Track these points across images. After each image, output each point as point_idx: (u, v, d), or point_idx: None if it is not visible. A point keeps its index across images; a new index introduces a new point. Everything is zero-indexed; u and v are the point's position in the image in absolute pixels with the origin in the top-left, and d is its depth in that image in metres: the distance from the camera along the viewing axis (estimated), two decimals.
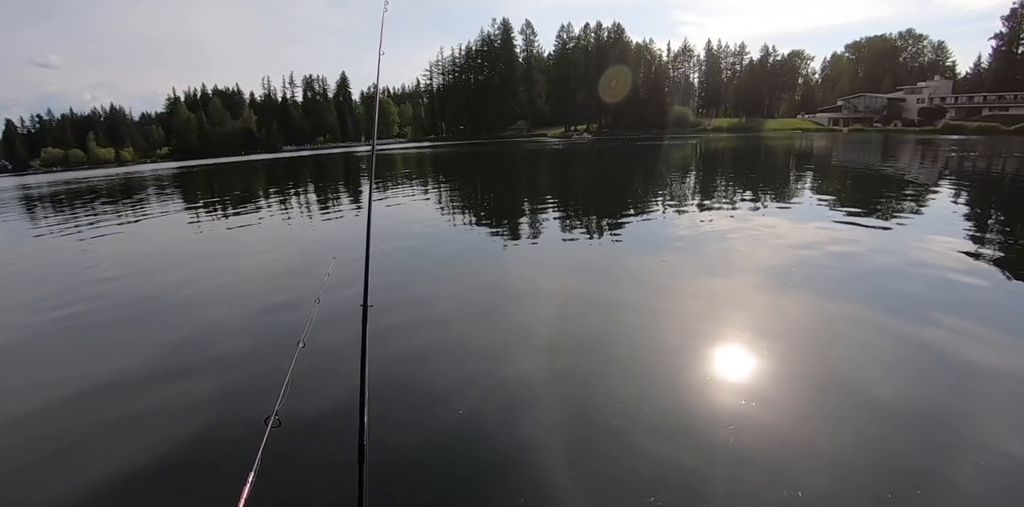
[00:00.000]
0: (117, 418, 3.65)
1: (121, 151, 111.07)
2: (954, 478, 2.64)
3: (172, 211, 16.11)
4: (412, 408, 3.51)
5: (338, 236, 10.29)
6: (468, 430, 3.22)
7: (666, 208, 11.45)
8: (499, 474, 2.82)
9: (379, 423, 3.23)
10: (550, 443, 3.06)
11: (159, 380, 4.20)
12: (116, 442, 3.36)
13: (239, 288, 6.97)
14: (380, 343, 4.50)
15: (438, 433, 3.20)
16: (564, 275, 6.73)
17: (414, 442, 3.13)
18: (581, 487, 2.68)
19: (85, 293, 6.84)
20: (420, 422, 3.32)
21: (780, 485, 2.60)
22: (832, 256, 6.84)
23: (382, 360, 4.17)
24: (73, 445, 3.33)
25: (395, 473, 2.83)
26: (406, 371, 4.06)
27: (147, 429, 3.50)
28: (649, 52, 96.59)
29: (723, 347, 4.28)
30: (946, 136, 49.91)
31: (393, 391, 3.74)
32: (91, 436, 3.44)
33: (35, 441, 3.44)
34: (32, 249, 11.09)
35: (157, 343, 5.01)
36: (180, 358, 4.64)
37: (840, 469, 2.73)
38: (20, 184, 47.54)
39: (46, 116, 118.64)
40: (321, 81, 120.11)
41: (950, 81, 74.94)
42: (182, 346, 4.93)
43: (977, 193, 13.02)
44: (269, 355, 4.53)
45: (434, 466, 2.92)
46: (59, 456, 3.21)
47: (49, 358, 4.86)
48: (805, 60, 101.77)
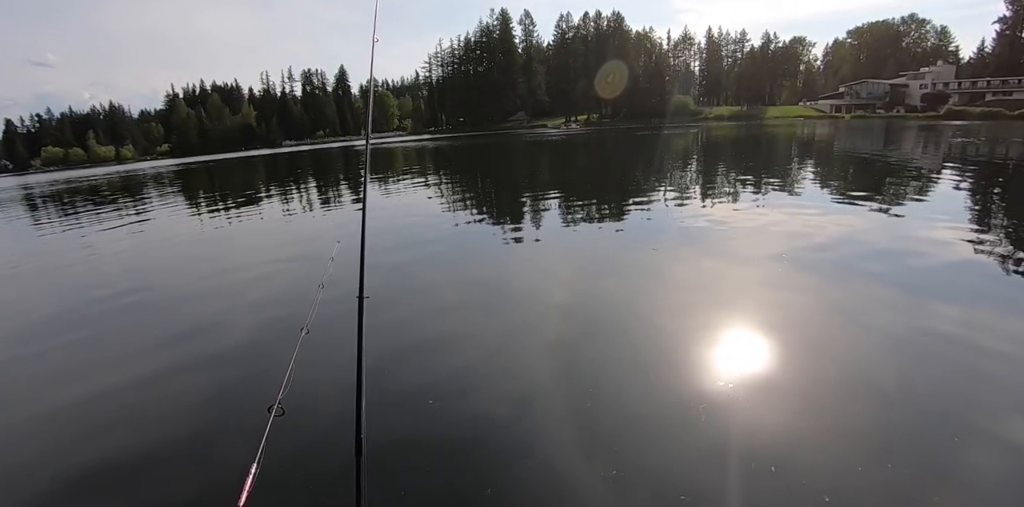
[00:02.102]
0: (123, 406, 3.68)
1: (121, 149, 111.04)
2: (963, 466, 2.64)
3: (174, 206, 16.12)
4: (413, 398, 3.52)
5: (340, 227, 10.28)
6: (472, 422, 3.24)
7: (666, 198, 11.41)
8: (502, 465, 2.83)
9: (380, 413, 3.26)
10: (554, 435, 3.06)
11: (164, 371, 4.23)
12: (121, 432, 3.39)
13: (242, 276, 7.04)
14: (383, 332, 4.53)
15: (437, 423, 3.22)
16: (564, 263, 6.73)
17: (415, 433, 3.14)
18: (587, 479, 2.70)
19: (89, 291, 6.89)
20: (420, 412, 3.34)
21: (788, 476, 2.61)
22: (834, 243, 6.81)
23: (385, 349, 4.20)
24: (76, 438, 3.36)
25: (395, 466, 2.85)
26: (409, 360, 4.08)
27: (152, 420, 3.53)
28: (649, 41, 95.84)
29: (726, 335, 4.28)
30: (949, 122, 49.45)
31: (395, 380, 3.76)
32: (96, 427, 3.47)
33: (37, 432, 3.48)
34: (38, 248, 11.16)
35: (162, 334, 5.05)
36: (185, 348, 4.69)
37: (849, 457, 2.74)
38: (21, 184, 47.62)
39: (45, 115, 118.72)
40: (320, 75, 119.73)
41: (953, 66, 74.10)
42: (187, 336, 4.98)
43: (980, 179, 12.93)
44: (273, 342, 4.62)
45: (434, 456, 2.93)
46: (60, 447, 3.24)
47: (55, 351, 4.89)
48: (807, 47, 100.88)
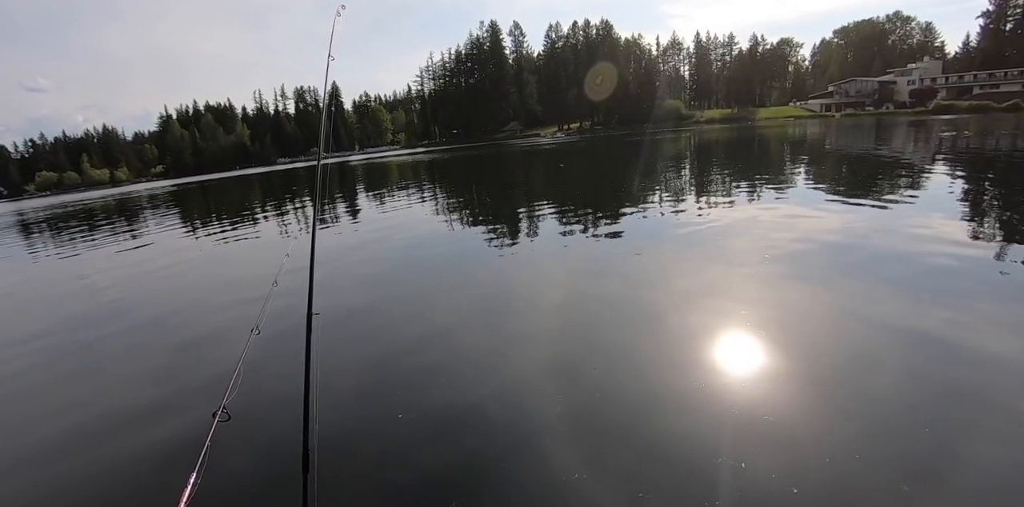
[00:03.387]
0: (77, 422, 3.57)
1: (115, 171, 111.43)
2: (963, 470, 2.55)
3: (166, 228, 16.06)
4: (369, 410, 3.43)
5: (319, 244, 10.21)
6: (467, 431, 3.13)
7: (662, 202, 11.36)
8: (475, 482, 2.73)
9: (325, 429, 3.16)
10: (536, 451, 2.96)
11: (105, 382, 4.37)
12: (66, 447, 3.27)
13: (199, 290, 7.11)
14: (366, 337, 4.43)
15: (392, 436, 3.11)
16: (561, 270, 6.64)
17: (366, 445, 3.07)
18: (566, 486, 2.59)
19: (64, 317, 6.79)
20: (370, 425, 3.22)
21: (787, 481, 2.50)
22: (829, 242, 6.74)
23: (341, 358, 4.19)
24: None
25: (344, 480, 2.75)
26: (375, 373, 3.97)
27: (90, 433, 3.49)
28: (638, 47, 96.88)
29: (724, 339, 4.18)
30: (938, 116, 49.74)
31: (344, 389, 3.70)
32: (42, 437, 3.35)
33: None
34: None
35: (109, 343, 5.45)
36: (133, 354, 5.10)
37: (849, 461, 2.64)
38: (15, 210, 47.57)
39: (39, 140, 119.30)
40: (313, 92, 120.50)
41: (940, 62, 74.84)
42: (138, 342, 5.48)
43: (971, 171, 12.92)
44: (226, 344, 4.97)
45: (386, 470, 2.82)
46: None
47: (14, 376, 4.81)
48: (794, 47, 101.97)
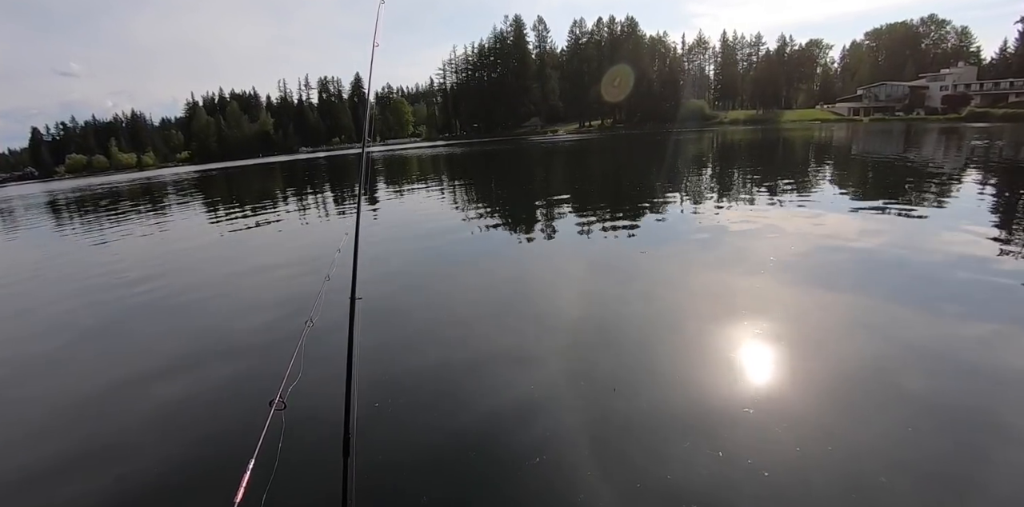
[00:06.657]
0: (134, 399, 3.75)
1: (142, 156, 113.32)
2: (985, 478, 2.60)
3: (196, 211, 16.41)
4: (412, 399, 3.56)
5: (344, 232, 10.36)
6: (484, 428, 3.25)
7: (682, 202, 11.34)
8: (504, 471, 2.84)
9: (370, 415, 3.29)
10: (564, 440, 3.06)
11: (174, 369, 4.41)
12: (133, 433, 3.45)
13: (254, 278, 7.32)
14: (387, 331, 4.57)
15: (443, 425, 3.23)
16: (578, 268, 6.71)
17: (408, 435, 3.19)
18: (590, 484, 2.68)
19: (107, 293, 7.04)
20: (418, 414, 3.36)
21: (804, 487, 2.57)
22: (854, 249, 6.72)
23: (385, 349, 4.31)
24: (82, 439, 3.43)
25: (385, 468, 2.88)
26: (416, 362, 4.11)
27: (160, 418, 3.62)
28: (663, 45, 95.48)
29: (742, 343, 4.23)
30: (971, 124, 48.50)
31: (391, 381, 3.82)
32: (108, 429, 3.54)
33: (45, 431, 3.56)
34: (63, 248, 11.41)
35: (176, 333, 5.34)
36: (198, 344, 5.05)
37: (867, 467, 2.69)
38: (47, 190, 48.74)
39: (70, 123, 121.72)
40: (336, 83, 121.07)
41: (975, 67, 72.68)
42: (201, 332, 5.40)
43: (1005, 183, 12.65)
44: (280, 336, 4.99)
45: (424, 458, 2.96)
46: (45, 432, 3.30)
47: (73, 346, 5.07)
48: (823, 49, 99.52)
